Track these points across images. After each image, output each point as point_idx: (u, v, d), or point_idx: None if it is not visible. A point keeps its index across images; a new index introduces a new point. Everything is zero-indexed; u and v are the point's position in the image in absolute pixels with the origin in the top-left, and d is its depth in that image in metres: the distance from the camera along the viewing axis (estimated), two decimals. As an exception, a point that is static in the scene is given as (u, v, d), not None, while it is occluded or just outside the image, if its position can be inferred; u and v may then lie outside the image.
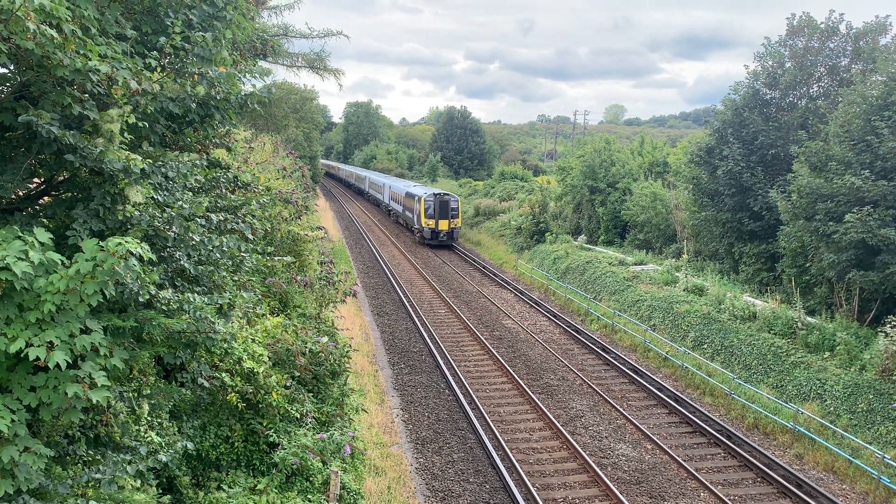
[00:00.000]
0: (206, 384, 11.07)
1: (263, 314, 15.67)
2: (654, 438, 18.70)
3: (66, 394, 6.03)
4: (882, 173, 24.08)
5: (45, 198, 8.59)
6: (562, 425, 19.35)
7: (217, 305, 8.95)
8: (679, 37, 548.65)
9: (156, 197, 8.19)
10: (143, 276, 6.79)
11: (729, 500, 15.70)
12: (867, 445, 17.52)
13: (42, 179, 8.51)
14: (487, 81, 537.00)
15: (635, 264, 37.97)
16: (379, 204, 79.68)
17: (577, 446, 17.91)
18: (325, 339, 15.85)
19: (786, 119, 34.29)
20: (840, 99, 29.14)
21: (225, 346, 8.58)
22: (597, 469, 16.68)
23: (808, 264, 27.96)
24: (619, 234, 49.45)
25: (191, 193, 9.67)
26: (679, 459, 17.41)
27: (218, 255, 9.12)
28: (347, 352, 16.43)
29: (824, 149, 27.07)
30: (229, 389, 11.84)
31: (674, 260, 36.90)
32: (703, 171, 36.74)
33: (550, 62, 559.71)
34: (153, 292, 7.18)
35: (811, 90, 35.61)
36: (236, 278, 12.72)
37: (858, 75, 30.06)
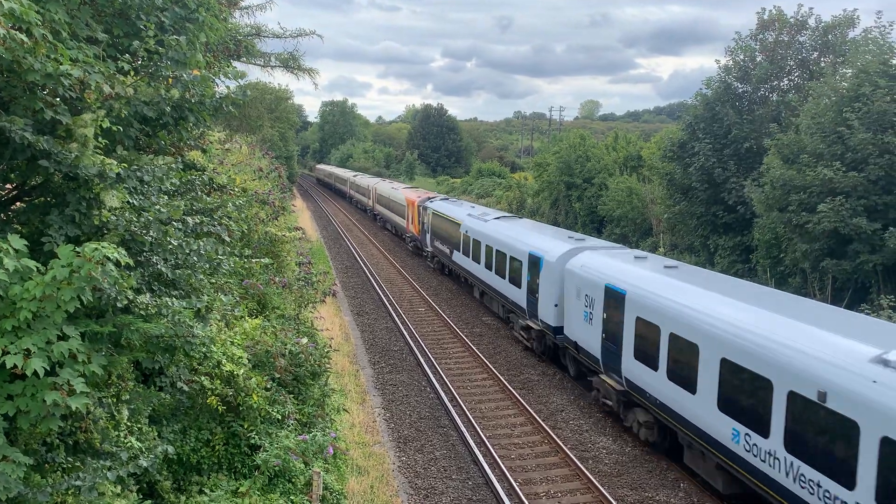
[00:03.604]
0: (186, 388, 11.01)
1: (242, 316, 15.61)
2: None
3: (45, 401, 5.99)
4: (853, 164, 24.51)
5: (18, 203, 8.50)
6: (542, 420, 19.48)
7: (195, 309, 8.91)
8: (655, 32, 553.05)
9: (132, 201, 8.14)
10: (120, 281, 6.75)
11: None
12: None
13: (14, 185, 8.42)
14: (465, 79, 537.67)
15: (613, 259, 38.13)
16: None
17: (558, 441, 18.04)
18: (305, 339, 15.83)
19: (758, 112, 34.74)
20: (811, 92, 29.57)
21: (204, 349, 8.56)
22: (578, 463, 16.82)
23: (782, 255, 28.38)
24: (595, 228, 49.81)
25: (166, 197, 9.62)
26: (659, 452, 17.61)
27: (195, 258, 9.09)
28: (328, 352, 16.42)
29: (796, 141, 27.48)
30: (209, 393, 11.79)
31: (650, 254, 37.21)
32: (677, 166, 37.13)
33: (528, 59, 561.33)
34: (131, 297, 7.15)
35: (782, 84, 36.10)
36: (214, 281, 12.68)
37: (828, 68, 30.54)
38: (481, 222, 31.64)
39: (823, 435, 11.20)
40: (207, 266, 9.71)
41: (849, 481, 10.63)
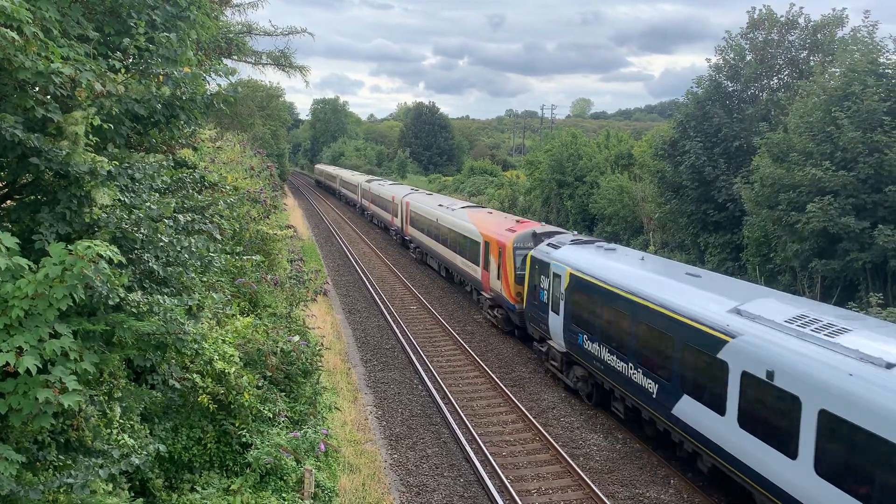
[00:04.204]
0: (178, 386, 11.03)
1: (233, 314, 15.62)
2: (626, 427, 18.99)
3: (37, 399, 6.00)
4: (842, 163, 24.66)
5: (9, 201, 8.49)
6: (534, 417, 19.55)
7: (186, 307, 8.92)
8: (646, 30, 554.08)
9: (123, 199, 8.14)
10: (112, 278, 6.77)
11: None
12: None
13: (5, 183, 8.41)
14: (457, 77, 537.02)
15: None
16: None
17: (549, 438, 18.11)
18: (297, 338, 15.85)
19: (748, 112, 34.92)
20: (799, 91, 29.75)
21: (195, 347, 8.57)
22: (569, 460, 16.90)
23: (771, 253, 28.54)
24: (587, 227, 49.96)
25: (158, 195, 9.62)
26: (650, 448, 17.71)
27: (186, 256, 9.10)
28: (319, 350, 16.43)
29: (785, 139, 27.63)
30: (201, 391, 11.80)
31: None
32: (668, 165, 37.28)
33: (519, 57, 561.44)
34: (122, 295, 7.16)
35: (772, 82, 36.28)
36: (205, 279, 12.68)
37: (817, 67, 30.69)
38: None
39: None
40: (199, 264, 9.71)
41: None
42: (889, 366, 10.64)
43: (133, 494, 9.68)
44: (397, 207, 49.90)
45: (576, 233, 31.10)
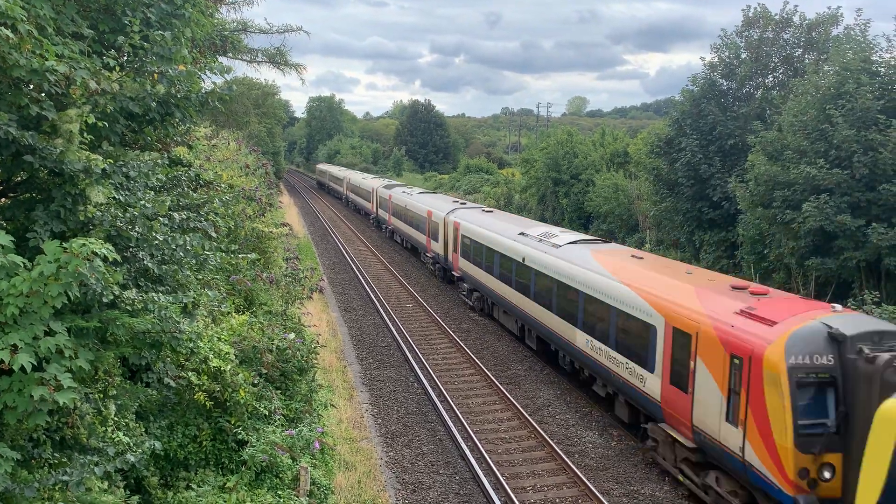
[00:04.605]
0: (173, 384, 11.03)
1: (229, 312, 15.61)
2: (624, 427, 19.04)
3: (32, 397, 6.00)
4: (836, 161, 24.73)
5: (3, 199, 8.48)
6: (529, 415, 19.59)
7: (181, 304, 8.93)
8: (643, 28, 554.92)
9: (117, 197, 8.14)
10: (107, 276, 6.77)
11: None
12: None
13: (-1, 181, 8.40)
14: (453, 75, 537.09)
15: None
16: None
17: (544, 435, 18.16)
18: (292, 335, 15.85)
19: (742, 110, 34.99)
20: (793, 89, 29.82)
21: (190, 345, 8.58)
22: (564, 457, 16.94)
23: (766, 251, 28.61)
24: (582, 224, 50.03)
25: (152, 192, 9.62)
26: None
27: (181, 253, 9.10)
28: (315, 348, 16.43)
29: (779, 138, 27.70)
30: (196, 388, 11.80)
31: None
32: (663, 162, 37.34)
33: (516, 55, 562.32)
34: (117, 293, 7.16)
35: (767, 81, 36.35)
36: (200, 277, 12.67)
37: (811, 65, 30.76)
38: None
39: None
40: (194, 262, 9.72)
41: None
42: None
43: (128, 492, 9.68)
44: (438, 227, 36.77)
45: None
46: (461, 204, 38.78)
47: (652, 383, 16.31)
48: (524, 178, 61.61)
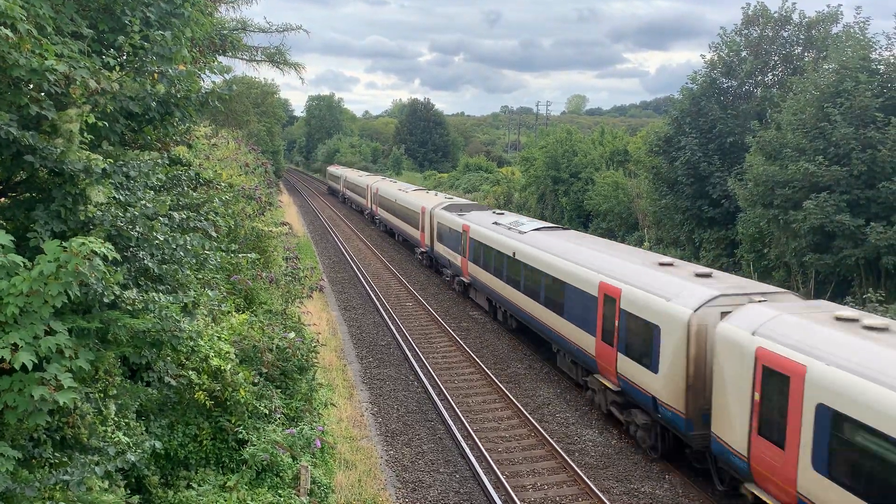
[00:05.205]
0: (173, 383, 11.03)
1: (229, 311, 15.62)
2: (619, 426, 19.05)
3: (32, 396, 6.00)
4: (835, 159, 24.74)
5: (3, 199, 8.49)
6: (529, 413, 19.60)
7: (182, 304, 8.93)
8: (642, 27, 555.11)
9: (117, 196, 8.15)
10: (107, 276, 6.77)
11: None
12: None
13: (-1, 181, 8.40)
14: (452, 73, 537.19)
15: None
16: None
17: (544, 434, 18.17)
18: (292, 334, 15.85)
19: (742, 108, 34.99)
20: (792, 87, 29.83)
21: (191, 344, 8.60)
22: (564, 455, 16.95)
23: (765, 249, 28.62)
24: (582, 223, 50.01)
25: (152, 192, 9.62)
26: (643, 447, 17.77)
27: (181, 253, 9.10)
28: (315, 347, 16.44)
29: (778, 136, 27.70)
30: (196, 388, 11.80)
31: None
32: (663, 160, 37.32)
33: (515, 54, 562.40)
34: (117, 292, 7.17)
35: (766, 79, 36.33)
36: (200, 276, 12.69)
37: (810, 63, 30.74)
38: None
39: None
40: (194, 261, 9.73)
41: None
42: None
43: (129, 491, 9.69)
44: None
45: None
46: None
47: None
48: (523, 177, 61.60)
